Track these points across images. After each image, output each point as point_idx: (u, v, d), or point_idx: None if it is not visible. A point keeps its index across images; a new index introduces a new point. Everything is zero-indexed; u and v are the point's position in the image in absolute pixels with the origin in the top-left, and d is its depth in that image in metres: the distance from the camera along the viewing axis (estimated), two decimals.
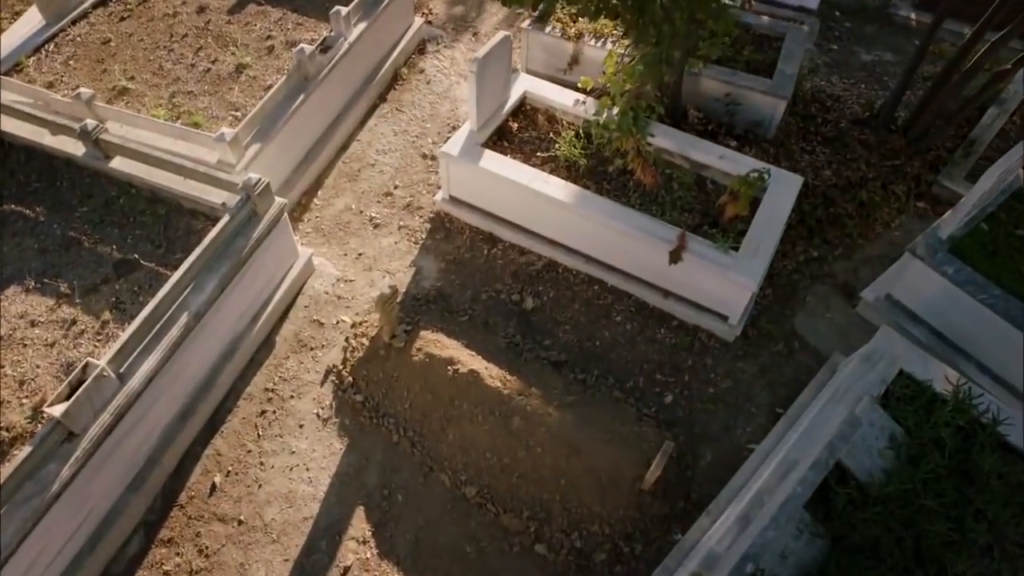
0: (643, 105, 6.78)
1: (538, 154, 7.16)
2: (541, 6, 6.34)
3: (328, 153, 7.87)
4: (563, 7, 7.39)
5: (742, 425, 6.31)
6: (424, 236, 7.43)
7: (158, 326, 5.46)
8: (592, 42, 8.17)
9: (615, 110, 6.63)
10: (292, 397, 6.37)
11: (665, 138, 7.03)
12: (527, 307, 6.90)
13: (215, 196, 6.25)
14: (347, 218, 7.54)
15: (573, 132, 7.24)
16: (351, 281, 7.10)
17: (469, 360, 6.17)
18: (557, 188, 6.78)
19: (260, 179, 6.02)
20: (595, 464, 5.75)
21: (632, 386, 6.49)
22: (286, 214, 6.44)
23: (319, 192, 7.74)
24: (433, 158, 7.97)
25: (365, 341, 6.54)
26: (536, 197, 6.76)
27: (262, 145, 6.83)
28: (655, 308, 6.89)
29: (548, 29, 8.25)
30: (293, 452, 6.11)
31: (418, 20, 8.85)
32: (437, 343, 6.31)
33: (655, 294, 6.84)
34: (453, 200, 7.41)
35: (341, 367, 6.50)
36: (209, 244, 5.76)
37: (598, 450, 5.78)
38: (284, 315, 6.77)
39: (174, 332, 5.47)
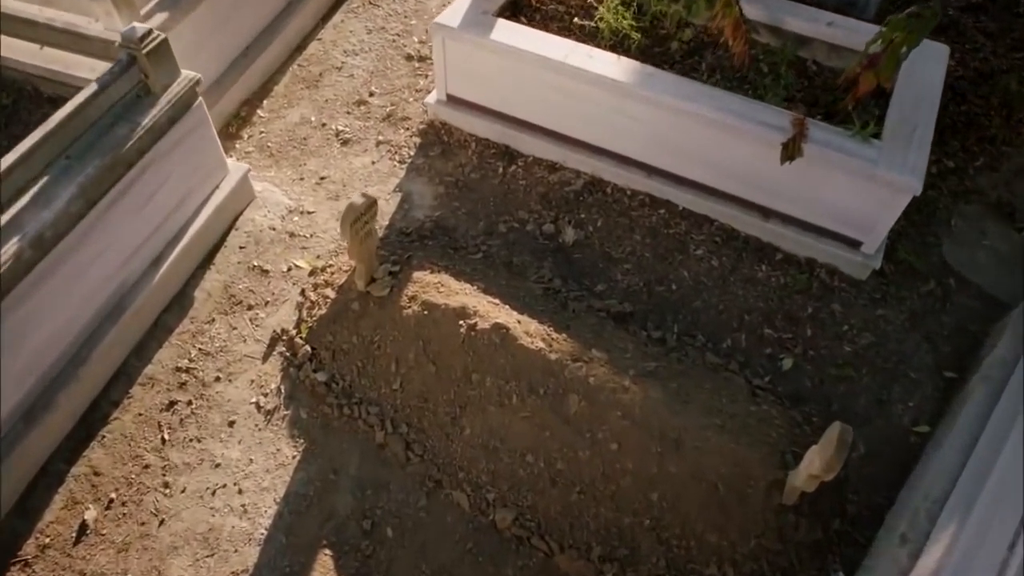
0: None
1: (571, 29, 4.77)
2: None
3: (277, 52, 5.40)
4: None
5: (900, 398, 3.93)
6: (413, 153, 4.98)
7: None
8: None
9: None
10: (218, 380, 3.88)
11: (748, 4, 4.66)
12: (566, 241, 4.48)
13: (86, 70, 3.76)
14: (304, 132, 5.07)
15: (617, 3, 4.85)
16: (309, 213, 4.63)
17: (491, 310, 3.73)
18: (607, 64, 4.38)
19: (151, 32, 3.55)
20: (705, 466, 3.34)
21: (731, 346, 4.09)
22: (203, 102, 3.96)
23: (264, 102, 5.26)
24: (422, 59, 5.54)
25: (330, 292, 4.07)
26: (575, 80, 4.35)
27: (171, 16, 4.34)
28: (749, 236, 4.50)
29: None
30: (218, 465, 3.63)
31: None
32: (440, 287, 3.86)
33: (751, 215, 4.45)
34: (453, 102, 4.97)
35: (294, 332, 4.03)
36: (58, 127, 3.26)
37: (708, 443, 3.36)
38: (208, 260, 4.26)
39: None
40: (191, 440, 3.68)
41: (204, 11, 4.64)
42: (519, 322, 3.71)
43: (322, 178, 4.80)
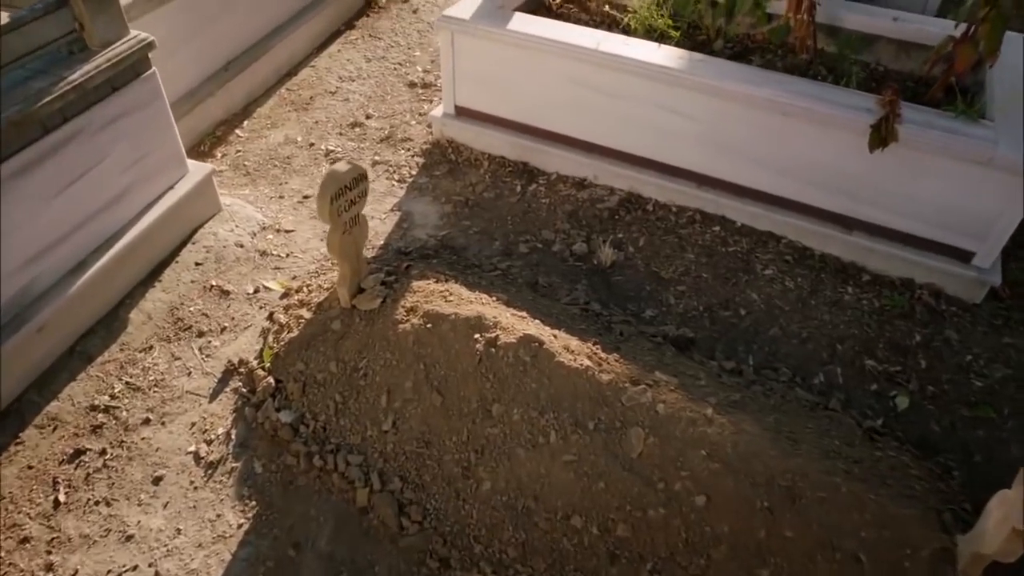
0: None
1: (597, 27, 4.02)
2: None
3: (263, 74, 4.64)
4: None
5: None
6: (414, 173, 4.09)
7: None
8: None
9: None
10: (147, 422, 2.78)
11: None
12: (603, 261, 3.50)
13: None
14: (288, 152, 4.20)
15: (651, 2, 4.14)
16: (287, 232, 3.66)
17: (516, 322, 2.71)
18: (649, 50, 3.59)
19: None
20: (837, 527, 2.21)
21: (825, 381, 3.03)
22: (158, 76, 3.10)
23: (244, 123, 4.43)
24: (426, 85, 4.77)
25: (305, 313, 3.05)
26: (611, 72, 3.54)
27: (145, 6, 3.58)
28: (827, 255, 3.54)
29: None
30: (130, 538, 2.46)
31: None
32: (448, 296, 2.85)
33: (828, 228, 3.50)
34: (462, 115, 4.14)
35: (255, 362, 2.97)
36: None
37: (839, 495, 2.24)
38: (153, 276, 3.24)
39: None
40: (97, 503, 2.53)
41: (181, 7, 3.89)
42: (554, 336, 2.67)
43: (305, 197, 3.88)
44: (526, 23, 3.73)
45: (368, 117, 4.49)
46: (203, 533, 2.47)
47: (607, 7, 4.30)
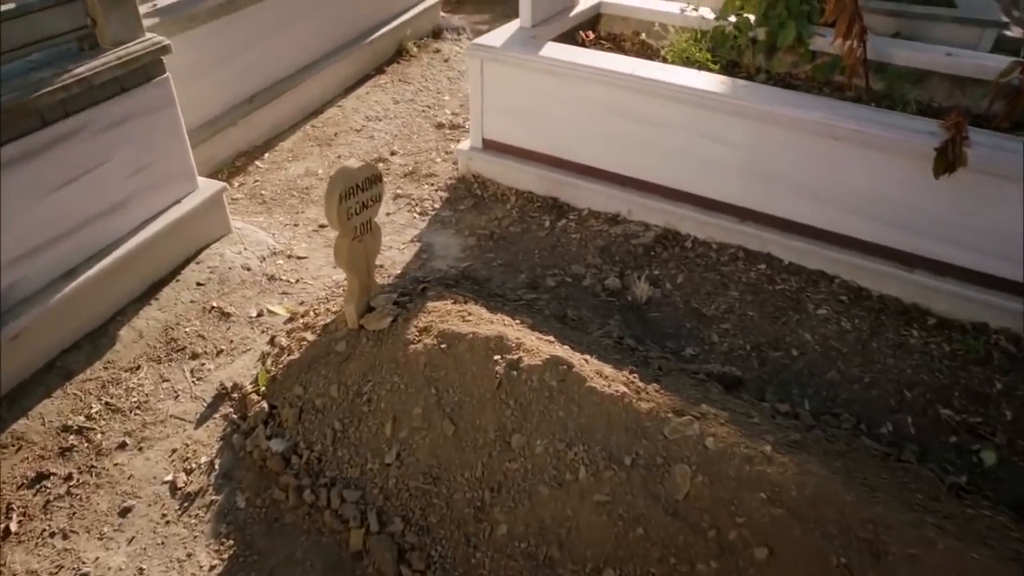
0: None
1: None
2: None
3: (289, 110, 4.51)
4: None
5: None
6: (437, 206, 3.85)
7: None
8: None
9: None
10: (123, 447, 2.44)
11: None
12: (638, 297, 3.17)
13: None
14: (307, 183, 4.00)
15: (688, 35, 3.97)
16: (299, 258, 3.41)
17: (541, 346, 2.37)
18: (689, 75, 3.38)
19: None
20: None
21: (894, 431, 2.61)
22: (169, 76, 2.93)
23: (265, 155, 4.27)
24: (454, 127, 4.61)
25: (309, 336, 2.74)
26: (649, 98, 3.32)
27: (167, 23, 3.48)
28: (886, 296, 3.18)
29: None
30: None
31: None
32: (467, 316, 2.53)
33: (887, 265, 3.15)
34: (490, 148, 3.93)
35: (250, 387, 2.65)
36: None
37: (934, 552, 1.82)
38: (150, 293, 2.96)
39: None
40: (53, 535, 2.18)
41: (210, 33, 3.80)
42: (585, 361, 2.33)
43: (321, 226, 3.65)
44: (560, 50, 3.55)
45: (392, 153, 4.31)
46: (169, 575, 2.09)
47: (643, 41, 4.15)
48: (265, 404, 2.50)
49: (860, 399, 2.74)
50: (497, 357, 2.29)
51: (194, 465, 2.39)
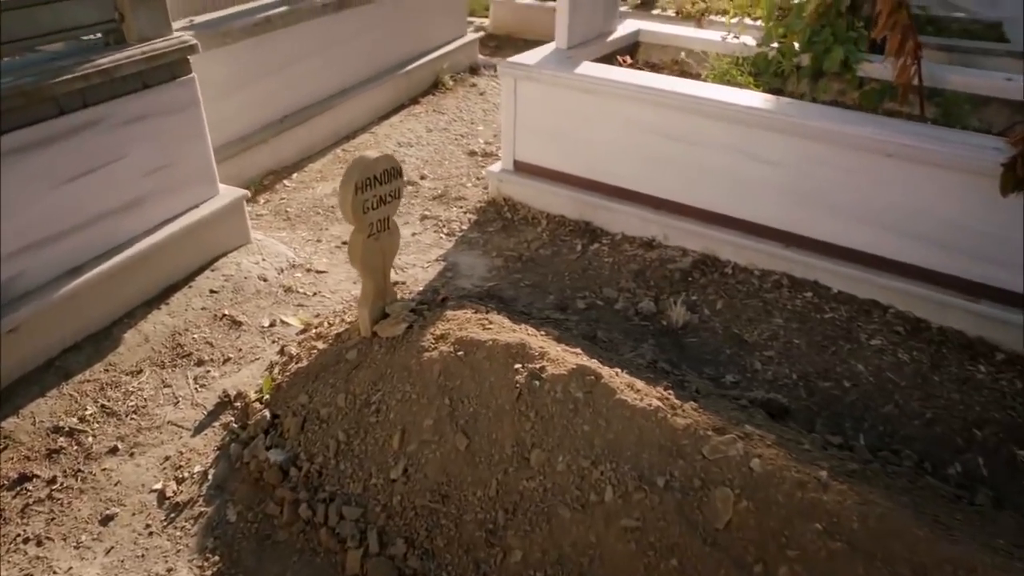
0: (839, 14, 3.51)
1: None
2: None
3: (321, 133, 4.46)
4: None
5: None
6: (465, 227, 3.71)
7: None
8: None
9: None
10: (114, 451, 2.26)
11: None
12: (674, 321, 2.94)
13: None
14: (333, 202, 3.89)
15: (729, 60, 3.83)
16: (319, 272, 3.26)
17: (566, 356, 2.16)
18: (731, 92, 3.22)
19: None
20: None
21: (962, 472, 2.30)
22: (195, 76, 2.86)
23: (294, 175, 4.19)
24: (487, 155, 4.50)
25: (320, 345, 2.56)
26: (689, 116, 3.16)
27: (204, 35, 3.45)
28: (948, 328, 2.90)
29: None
30: None
31: (472, 34, 5.95)
32: (486, 324, 2.33)
33: (947, 295, 2.88)
34: (521, 170, 3.79)
35: (254, 395, 2.46)
36: None
37: None
38: (161, 297, 2.81)
39: None
40: (27, 541, 1.98)
41: (245, 51, 3.78)
42: (615, 373, 2.10)
43: (343, 242, 3.52)
44: (596, 67, 3.44)
45: (422, 178, 4.21)
46: None
47: (682, 69, 4.02)
48: (267, 412, 2.31)
49: (922, 436, 2.44)
50: (518, 366, 2.08)
51: (186, 474, 2.19)
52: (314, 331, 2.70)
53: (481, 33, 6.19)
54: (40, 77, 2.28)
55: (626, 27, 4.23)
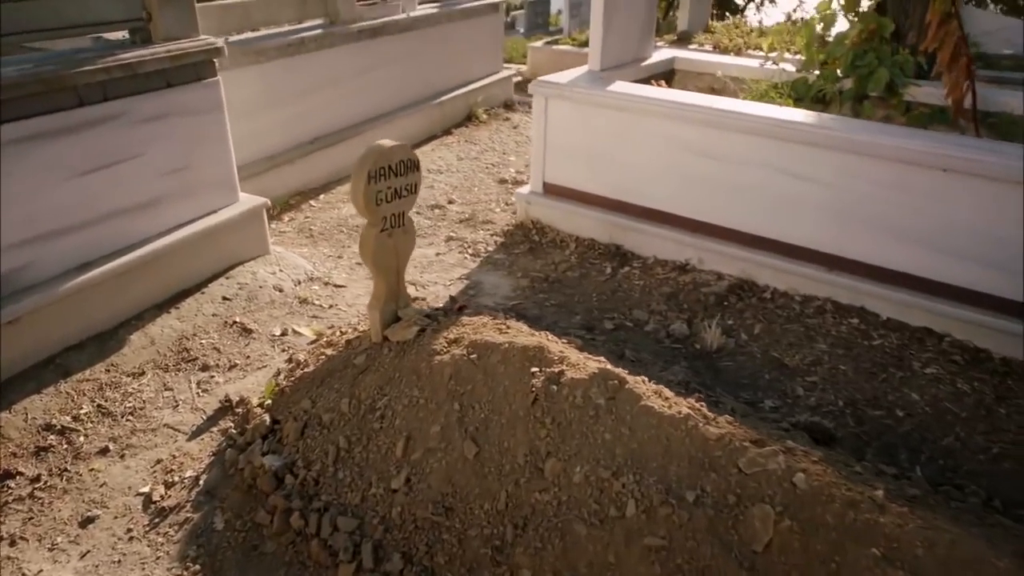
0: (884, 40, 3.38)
1: None
2: None
3: (349, 156, 4.31)
4: None
5: None
6: (491, 249, 3.58)
7: None
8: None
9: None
10: (104, 452, 2.13)
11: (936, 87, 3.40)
12: (708, 344, 2.73)
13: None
14: (358, 222, 3.80)
15: (768, 84, 3.70)
16: (336, 286, 3.14)
17: (588, 362, 1.97)
18: (771, 109, 3.07)
19: None
20: None
21: None
22: (220, 79, 2.82)
23: (321, 196, 4.14)
24: (516, 183, 4.40)
25: (328, 352, 2.42)
26: (727, 133, 3.02)
27: (241, 50, 3.47)
28: (1011, 359, 2.63)
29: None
30: None
31: (507, 70, 5.95)
32: (503, 328, 2.16)
33: (1008, 321, 2.63)
34: (550, 192, 3.67)
35: (257, 401, 2.31)
36: None
37: None
38: (171, 301, 2.71)
39: None
40: (0, 540, 1.84)
41: (278, 70, 3.79)
42: (640, 380, 1.90)
43: None
44: (630, 85, 3.34)
45: (451, 202, 4.12)
46: None
47: (719, 90, 3.90)
48: (267, 417, 2.16)
49: (989, 472, 2.17)
50: (535, 369, 1.90)
51: (176, 478, 2.04)
52: (325, 339, 2.56)
53: (519, 78, 6.20)
54: (61, 66, 2.25)
55: (661, 54, 4.15)
